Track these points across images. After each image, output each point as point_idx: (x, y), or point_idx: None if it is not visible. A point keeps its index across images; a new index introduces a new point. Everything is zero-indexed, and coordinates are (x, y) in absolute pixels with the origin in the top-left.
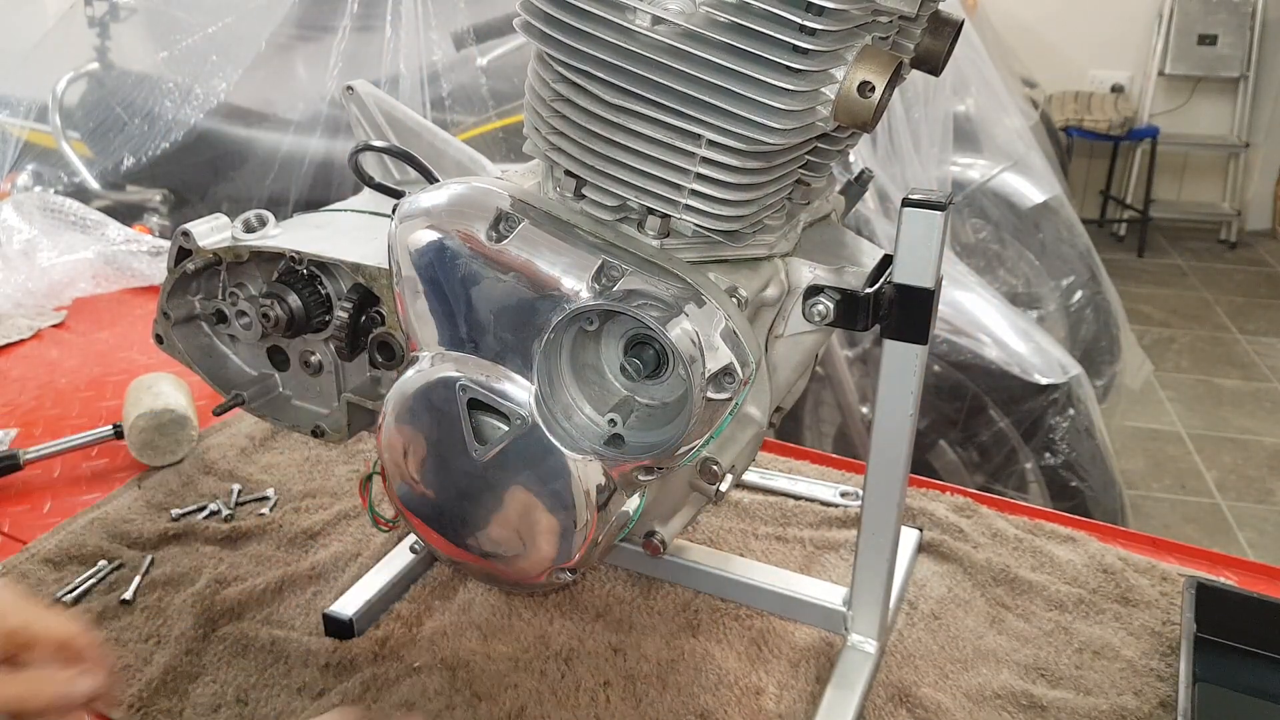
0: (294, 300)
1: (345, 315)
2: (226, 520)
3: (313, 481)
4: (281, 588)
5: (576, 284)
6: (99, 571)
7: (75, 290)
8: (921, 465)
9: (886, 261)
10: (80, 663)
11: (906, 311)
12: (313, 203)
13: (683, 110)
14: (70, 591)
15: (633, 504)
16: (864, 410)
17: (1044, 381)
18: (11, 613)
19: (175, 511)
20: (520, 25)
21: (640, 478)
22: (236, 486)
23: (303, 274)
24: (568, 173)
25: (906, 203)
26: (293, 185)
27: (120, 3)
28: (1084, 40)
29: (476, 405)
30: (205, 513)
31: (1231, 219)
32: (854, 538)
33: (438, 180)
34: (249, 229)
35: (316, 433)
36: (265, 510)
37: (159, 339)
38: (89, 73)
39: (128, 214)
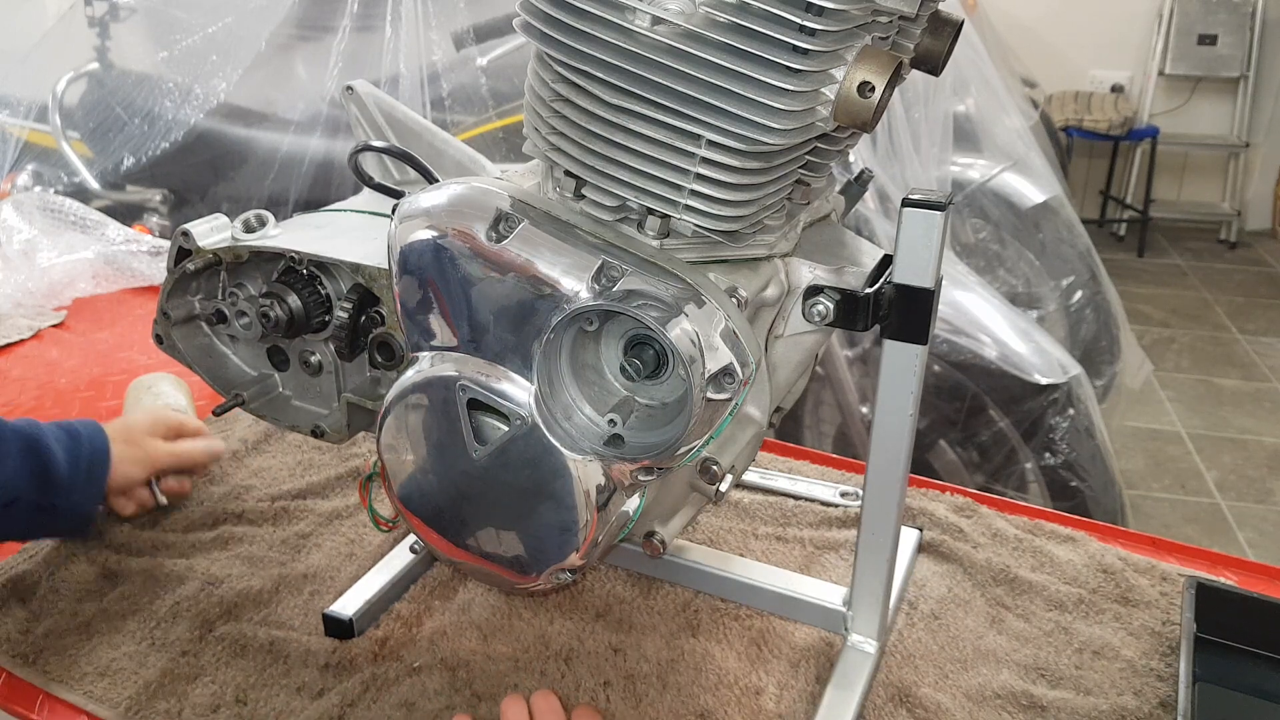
0: (294, 300)
1: (345, 315)
2: (215, 524)
3: (305, 483)
4: (278, 588)
5: (576, 284)
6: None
7: (75, 290)
8: (921, 465)
9: (886, 261)
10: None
11: (906, 311)
12: (313, 203)
13: (682, 110)
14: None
15: (633, 504)
16: (864, 410)
17: (1044, 381)
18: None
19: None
20: (520, 25)
21: (640, 478)
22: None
23: (302, 274)
24: (568, 173)
25: (906, 203)
26: (293, 185)
27: (120, 3)
28: (1084, 40)
29: (476, 405)
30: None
31: (1231, 219)
32: (854, 538)
33: (438, 180)
34: (249, 229)
35: (316, 433)
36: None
37: (159, 339)
38: (89, 73)
39: (128, 214)
